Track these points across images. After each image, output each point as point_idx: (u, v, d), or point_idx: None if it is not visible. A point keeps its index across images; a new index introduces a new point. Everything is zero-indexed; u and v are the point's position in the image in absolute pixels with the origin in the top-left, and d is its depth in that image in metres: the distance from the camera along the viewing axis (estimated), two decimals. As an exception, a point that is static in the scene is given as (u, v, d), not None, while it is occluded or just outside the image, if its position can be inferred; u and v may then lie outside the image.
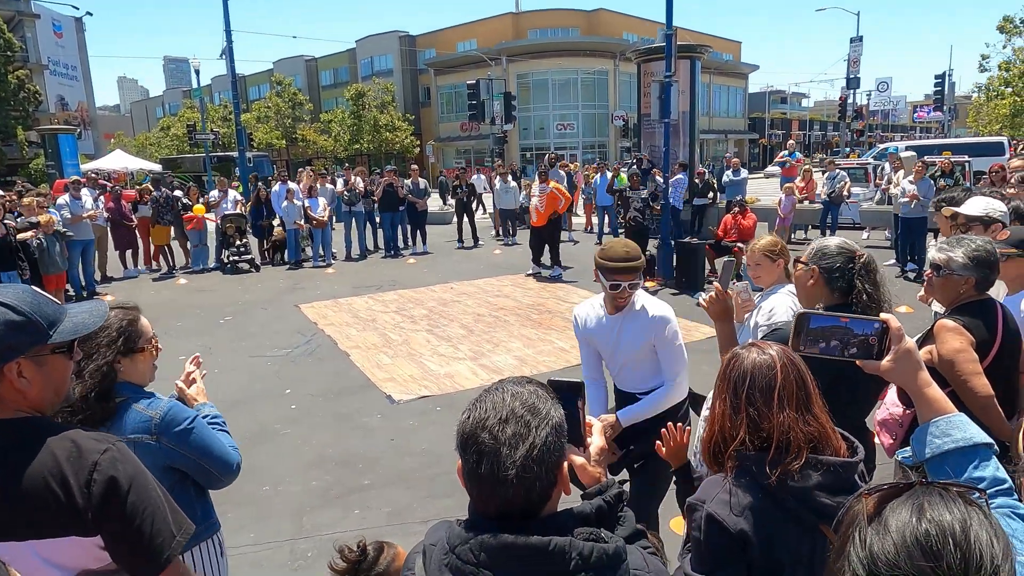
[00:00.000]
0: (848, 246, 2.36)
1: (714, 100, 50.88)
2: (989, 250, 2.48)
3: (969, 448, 1.23)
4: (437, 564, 1.07)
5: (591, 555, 1.02)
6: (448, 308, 9.13)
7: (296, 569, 3.53)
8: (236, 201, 13.44)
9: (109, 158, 30.80)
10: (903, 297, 8.06)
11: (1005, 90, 32.27)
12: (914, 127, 69.71)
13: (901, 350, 1.31)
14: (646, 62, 14.27)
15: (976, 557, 0.80)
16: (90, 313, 1.45)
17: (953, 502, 0.85)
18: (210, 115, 41.70)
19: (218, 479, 1.98)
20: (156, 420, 1.85)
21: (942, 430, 1.27)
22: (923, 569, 0.79)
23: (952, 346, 2.40)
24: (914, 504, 0.86)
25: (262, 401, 5.89)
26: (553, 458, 1.07)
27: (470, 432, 1.08)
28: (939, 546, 0.81)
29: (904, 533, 0.83)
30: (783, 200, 12.86)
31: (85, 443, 1.34)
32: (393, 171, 14.43)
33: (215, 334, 8.02)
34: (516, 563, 1.01)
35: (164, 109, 67.49)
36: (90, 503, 1.29)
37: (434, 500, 4.16)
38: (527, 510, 1.06)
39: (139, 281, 12.16)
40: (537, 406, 1.09)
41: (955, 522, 0.82)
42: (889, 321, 1.32)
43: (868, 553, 0.85)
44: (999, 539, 0.83)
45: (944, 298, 2.60)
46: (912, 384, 1.32)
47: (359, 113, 43.60)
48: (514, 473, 1.03)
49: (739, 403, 1.51)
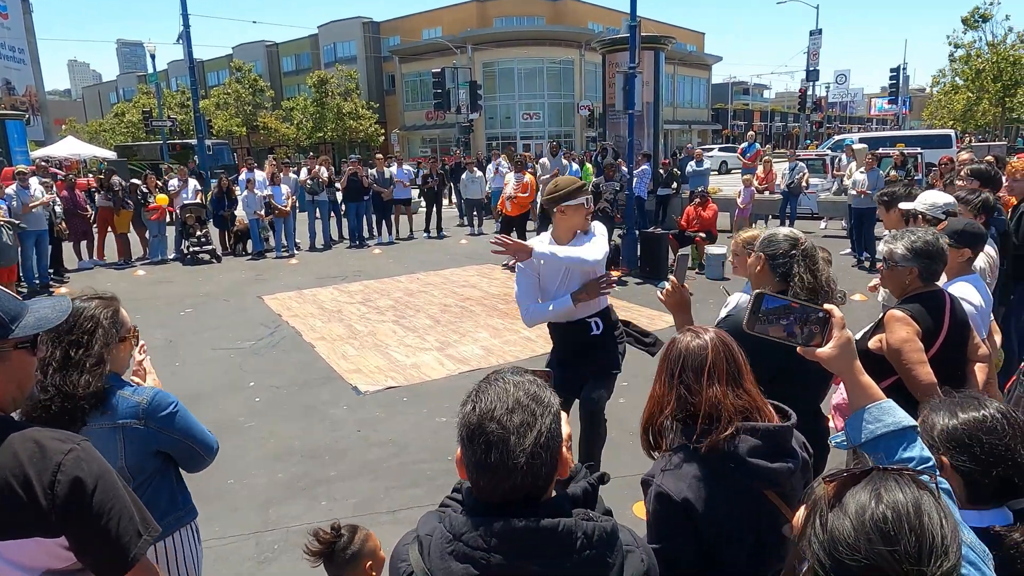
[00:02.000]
0: (794, 235, 2.44)
1: (678, 91, 51.38)
2: (930, 241, 2.58)
3: (899, 431, 1.32)
4: (439, 552, 1.07)
5: (594, 534, 1.08)
6: (414, 299, 9.11)
7: (262, 562, 3.53)
8: (196, 191, 13.15)
9: (60, 145, 29.64)
10: (859, 286, 8.33)
11: (960, 84, 33.33)
12: (871, 119, 71.48)
13: (841, 339, 1.38)
14: (611, 52, 14.32)
15: (929, 539, 0.86)
16: (53, 308, 1.43)
17: (908, 486, 0.92)
18: (167, 101, 40.57)
19: (202, 459, 2.06)
20: (144, 405, 1.91)
21: (874, 416, 1.36)
22: (881, 553, 0.85)
23: (899, 335, 2.51)
24: (872, 489, 0.92)
25: (225, 394, 5.81)
26: (556, 444, 1.12)
27: (477, 423, 1.10)
28: (895, 530, 0.86)
29: (863, 517, 0.89)
30: (742, 191, 13.12)
31: (48, 443, 1.32)
32: (357, 160, 14.29)
33: (176, 326, 7.85)
34: (527, 546, 1.04)
35: (118, 94, 65.30)
36: (54, 504, 1.27)
37: (401, 490, 4.18)
38: (532, 495, 1.10)
39: (95, 272, 11.82)
40: (540, 395, 1.13)
41: (909, 505, 0.89)
42: (832, 311, 1.39)
43: (829, 537, 0.90)
44: (948, 519, 0.89)
45: (893, 289, 2.72)
46: (847, 372, 1.40)
47: (322, 101, 42.79)
48: (524, 460, 1.06)
49: (672, 382, 1.61)
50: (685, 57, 50.44)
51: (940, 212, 3.63)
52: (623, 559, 1.11)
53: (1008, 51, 30.91)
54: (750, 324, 1.42)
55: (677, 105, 50.84)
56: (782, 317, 1.39)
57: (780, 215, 14.01)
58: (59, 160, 23.99)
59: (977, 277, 3.14)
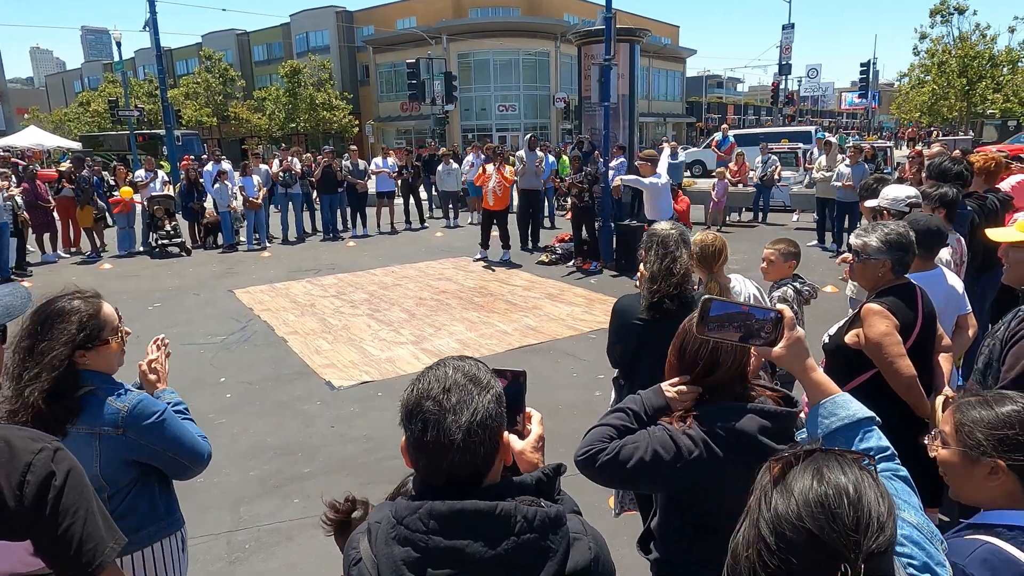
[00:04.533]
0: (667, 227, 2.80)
1: (653, 84, 51.57)
2: (902, 233, 2.60)
3: (854, 423, 1.36)
4: (384, 538, 1.08)
5: (534, 518, 1.08)
6: (389, 292, 9.03)
7: (233, 561, 3.47)
8: (165, 182, 12.88)
9: (23, 135, 28.78)
10: (828, 278, 8.46)
11: (926, 78, 33.96)
12: (841, 113, 72.56)
13: (792, 338, 1.42)
14: (586, 44, 14.27)
15: (867, 515, 0.92)
16: (13, 295, 1.38)
17: (848, 467, 0.97)
18: (134, 90, 39.57)
19: (188, 469, 1.99)
20: (124, 413, 1.82)
21: (829, 411, 1.39)
22: (822, 526, 0.91)
23: (879, 329, 2.52)
24: (814, 469, 0.97)
25: (196, 390, 5.70)
26: (495, 424, 1.12)
27: (415, 402, 1.12)
28: (836, 506, 0.92)
29: (807, 495, 0.94)
30: (716, 184, 13.23)
31: (18, 443, 1.27)
32: (331, 152, 14.11)
33: (144, 321, 7.68)
34: (465, 527, 1.05)
35: (83, 83, 63.50)
36: (22, 506, 1.23)
37: (376, 486, 4.14)
38: (473, 476, 1.11)
39: (58, 266, 11.53)
40: (478, 376, 1.15)
41: (849, 484, 0.94)
42: (783, 311, 1.43)
43: (774, 514, 0.95)
44: (884, 499, 0.95)
45: (866, 282, 2.72)
46: (799, 369, 1.44)
47: (294, 91, 42.11)
48: (460, 437, 1.08)
49: (684, 356, 1.79)
50: (660, 50, 50.62)
51: (903, 205, 3.68)
52: (568, 545, 1.11)
53: (974, 46, 31.58)
54: (700, 329, 1.45)
55: (652, 98, 51.03)
56: (733, 320, 1.43)
57: (753, 207, 14.16)
58: (21, 150, 23.29)
59: (939, 272, 3.16)
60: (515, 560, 1.06)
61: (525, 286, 9.21)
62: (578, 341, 6.79)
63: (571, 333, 7.03)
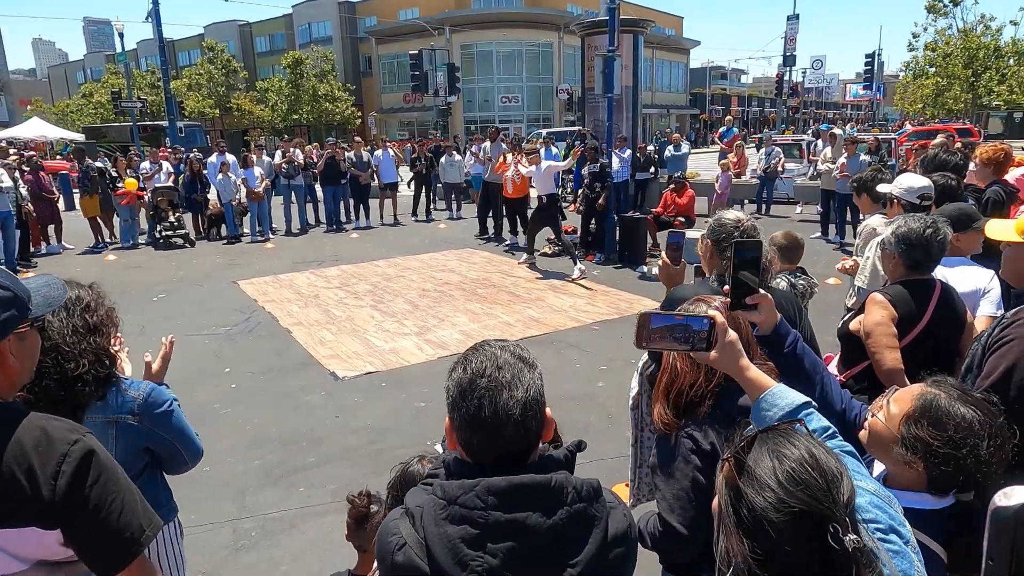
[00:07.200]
0: (738, 217, 2.50)
1: (656, 75, 51.32)
2: (914, 228, 2.53)
3: (794, 409, 1.41)
4: (433, 519, 1.09)
5: (583, 488, 1.13)
6: (392, 283, 9.04)
7: (239, 549, 3.50)
8: (169, 174, 12.88)
9: (26, 126, 28.81)
10: (831, 270, 8.43)
11: (929, 70, 33.72)
12: (846, 104, 72.13)
13: (726, 342, 1.48)
14: (590, 35, 14.23)
15: (829, 473, 1.00)
16: (50, 286, 1.40)
17: (792, 438, 1.06)
18: (137, 82, 39.56)
19: (185, 463, 2.01)
20: (139, 400, 1.84)
21: (769, 403, 1.44)
22: (801, 499, 0.97)
23: (873, 318, 2.53)
24: (770, 451, 1.03)
25: (200, 381, 5.73)
26: (543, 401, 1.17)
27: (468, 381, 1.14)
28: (804, 476, 0.99)
29: (777, 477, 1.00)
30: (720, 176, 13.18)
31: (55, 432, 1.28)
32: (335, 143, 14.09)
33: (148, 312, 7.71)
34: (523, 500, 1.08)
35: (86, 74, 63.53)
36: (55, 495, 1.23)
37: (380, 476, 4.15)
38: (525, 451, 1.15)
39: (63, 257, 11.56)
40: (524, 356, 1.19)
41: (803, 452, 1.02)
42: (715, 317, 1.49)
43: (750, 511, 1.00)
44: (831, 455, 1.04)
45: (887, 272, 2.76)
46: (735, 370, 1.50)
47: (297, 82, 42.05)
48: (519, 412, 1.12)
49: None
50: (664, 41, 50.36)
51: (915, 196, 3.64)
52: (608, 514, 1.16)
53: (979, 37, 31.34)
54: (639, 343, 1.49)
55: (656, 89, 50.80)
56: (672, 331, 1.48)
57: (757, 199, 14.12)
58: (25, 141, 23.32)
59: (965, 260, 3.05)
60: (568, 529, 1.10)
61: (528, 277, 9.22)
62: (581, 332, 6.80)
63: (574, 324, 7.03)
